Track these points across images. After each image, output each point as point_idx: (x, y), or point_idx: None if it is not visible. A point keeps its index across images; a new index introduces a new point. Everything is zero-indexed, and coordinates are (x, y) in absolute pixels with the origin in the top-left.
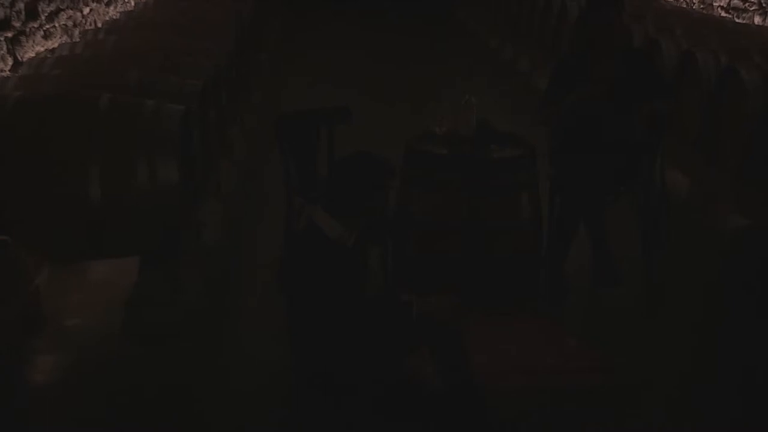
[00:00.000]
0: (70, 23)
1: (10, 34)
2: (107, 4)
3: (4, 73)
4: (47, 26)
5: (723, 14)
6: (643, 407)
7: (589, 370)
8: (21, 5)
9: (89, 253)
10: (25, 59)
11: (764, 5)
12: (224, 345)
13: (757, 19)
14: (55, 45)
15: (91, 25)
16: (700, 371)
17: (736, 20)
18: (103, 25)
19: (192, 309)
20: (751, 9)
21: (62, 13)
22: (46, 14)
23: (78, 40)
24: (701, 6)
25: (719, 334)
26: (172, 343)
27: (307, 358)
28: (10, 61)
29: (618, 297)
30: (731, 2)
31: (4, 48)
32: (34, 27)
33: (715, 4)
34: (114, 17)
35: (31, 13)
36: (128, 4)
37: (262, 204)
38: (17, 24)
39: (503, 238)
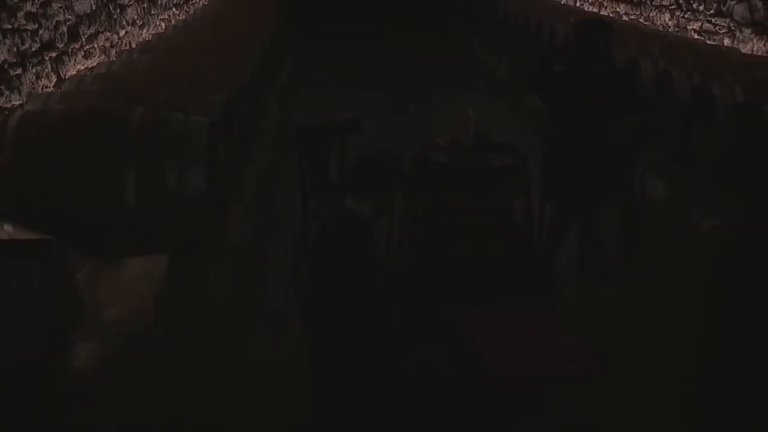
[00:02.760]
0: (107, 44)
1: (54, 54)
2: (141, 27)
3: (48, 89)
4: (87, 47)
5: (696, 37)
6: (633, 397)
7: (582, 361)
8: (64, 28)
9: (124, 251)
10: (67, 77)
11: (732, 29)
12: (245, 339)
13: (727, 41)
14: (94, 64)
15: (126, 46)
16: (685, 362)
17: (708, 42)
18: (137, 46)
19: (216, 304)
20: (721, 32)
21: (100, 35)
22: (86, 36)
23: (114, 59)
24: (676, 29)
25: (700, 329)
26: (197, 334)
27: (322, 349)
28: (54, 78)
29: (610, 293)
30: (703, 26)
31: (49, 66)
32: (75, 48)
33: (688, 27)
34: (147, 39)
35: (73, 35)
36: (159, 27)
37: (280, 207)
38: (60, 45)
39: (500, 239)
